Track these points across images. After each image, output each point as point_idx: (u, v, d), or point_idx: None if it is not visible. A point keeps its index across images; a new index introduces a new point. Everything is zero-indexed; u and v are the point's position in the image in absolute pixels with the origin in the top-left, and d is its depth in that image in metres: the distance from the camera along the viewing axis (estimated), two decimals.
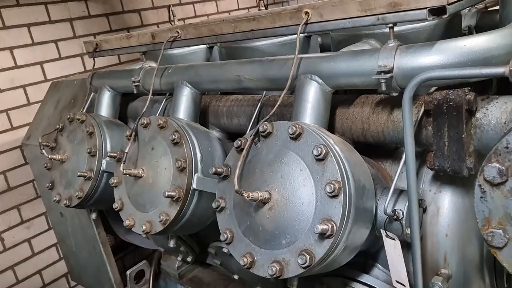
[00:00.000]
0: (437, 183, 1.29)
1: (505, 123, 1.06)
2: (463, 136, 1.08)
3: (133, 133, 1.58)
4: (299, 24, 1.24)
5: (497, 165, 0.75)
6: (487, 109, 1.09)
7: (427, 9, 1.03)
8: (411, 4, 1.04)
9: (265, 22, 1.33)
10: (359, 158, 1.19)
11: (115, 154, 1.63)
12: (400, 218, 1.18)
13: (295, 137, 1.13)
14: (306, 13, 1.22)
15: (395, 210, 1.18)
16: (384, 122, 1.26)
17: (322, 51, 2.02)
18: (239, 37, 1.42)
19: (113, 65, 3.40)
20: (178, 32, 1.59)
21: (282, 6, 5.29)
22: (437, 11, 1.04)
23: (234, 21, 1.41)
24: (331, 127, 1.35)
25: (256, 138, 1.22)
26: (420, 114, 1.17)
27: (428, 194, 1.30)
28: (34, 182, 3.11)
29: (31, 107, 3.09)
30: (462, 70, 0.91)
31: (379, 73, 1.09)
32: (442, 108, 1.09)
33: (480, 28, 1.62)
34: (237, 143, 1.25)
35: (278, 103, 1.23)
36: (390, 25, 1.11)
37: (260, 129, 1.20)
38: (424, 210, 1.28)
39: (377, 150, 1.45)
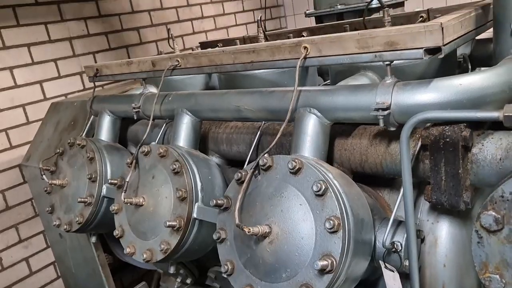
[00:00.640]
0: (435, 213, 1.31)
1: (500, 159, 1.08)
2: (460, 171, 1.10)
3: (134, 161, 1.60)
4: (298, 58, 1.27)
5: (493, 213, 0.77)
6: (482, 145, 1.11)
7: (423, 49, 1.05)
8: (408, 43, 1.07)
9: (265, 55, 1.35)
10: (358, 191, 1.21)
11: (115, 181, 1.64)
12: (398, 250, 1.20)
13: (295, 171, 1.15)
14: (305, 48, 1.25)
15: (394, 242, 1.20)
16: (382, 154, 1.28)
17: (319, 75, 2.05)
18: (239, 68, 1.45)
19: (114, 82, 3.42)
20: (178, 60, 1.61)
21: (280, 27, 5.35)
22: (432, 50, 1.06)
23: (234, 52, 1.43)
24: (329, 158, 1.37)
25: (256, 171, 1.24)
26: (417, 148, 1.19)
27: (426, 224, 1.32)
28: (33, 200, 3.11)
29: (30, 126, 3.10)
30: (458, 112, 0.93)
31: (377, 109, 1.11)
32: (438, 144, 1.11)
33: (474, 57, 1.65)
34: (237, 175, 1.26)
35: (278, 135, 1.24)
36: (387, 62, 1.13)
37: (260, 162, 1.21)
38: (422, 241, 1.30)
39: (375, 178, 1.47)
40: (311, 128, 1.26)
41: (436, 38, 1.02)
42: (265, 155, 1.23)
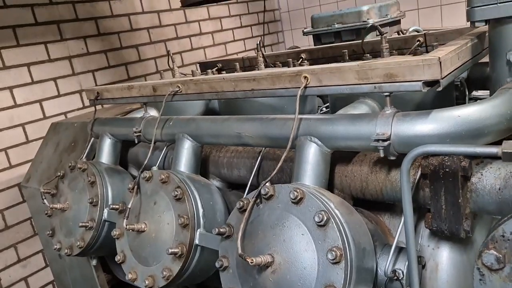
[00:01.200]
0: (435, 239, 1.32)
1: (499, 189, 1.09)
2: (459, 200, 1.12)
3: (135, 187, 1.60)
4: (298, 87, 1.29)
5: (495, 252, 0.78)
6: (481, 174, 1.13)
7: (422, 81, 1.07)
8: (406, 76, 1.09)
9: (265, 83, 1.37)
10: (359, 219, 1.22)
11: (117, 206, 1.65)
12: (400, 278, 1.20)
13: (297, 201, 1.16)
14: (305, 77, 1.26)
15: (395, 270, 1.21)
16: (382, 182, 1.30)
17: (319, 96, 2.07)
18: (239, 95, 1.46)
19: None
20: (179, 86, 1.63)
21: (278, 41, 5.39)
22: (431, 83, 1.08)
23: (234, 80, 1.45)
24: (330, 184, 1.39)
25: (258, 200, 1.25)
26: (417, 176, 1.20)
27: (427, 250, 1.32)
28: (32, 219, 3.11)
29: (29, 145, 3.11)
30: (457, 147, 0.95)
31: (377, 140, 1.12)
32: (438, 174, 1.13)
33: (471, 79, 1.68)
34: (239, 204, 1.27)
35: (279, 164, 1.26)
36: (387, 93, 1.15)
37: (262, 191, 1.23)
38: (423, 266, 1.30)
39: (376, 202, 1.48)
40: (312, 156, 1.28)
41: (434, 72, 1.05)
42: (267, 183, 1.24)
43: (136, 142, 1.86)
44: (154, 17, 3.98)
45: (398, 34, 3.36)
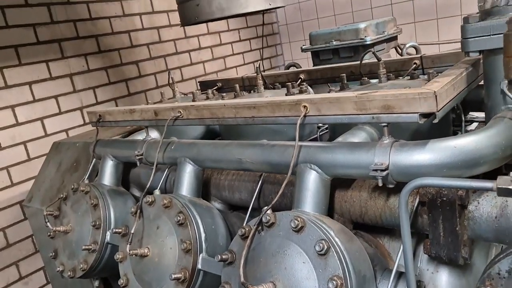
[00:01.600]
0: (434, 263, 1.34)
1: (496, 217, 1.12)
2: (457, 228, 1.14)
3: (138, 211, 1.63)
4: (298, 116, 1.31)
5: None
6: (478, 203, 1.16)
7: (419, 113, 1.10)
8: (403, 108, 1.12)
9: (265, 111, 1.40)
10: (359, 246, 1.24)
11: (120, 230, 1.67)
12: None
13: (297, 230, 1.18)
14: (305, 106, 1.29)
15: None
16: (382, 208, 1.32)
17: None
18: (240, 122, 1.49)
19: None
20: (180, 112, 1.65)
21: (276, 53, 5.43)
22: (428, 114, 1.11)
23: (235, 107, 1.48)
24: (330, 208, 1.41)
25: (260, 227, 1.27)
26: (416, 203, 1.23)
27: (426, 274, 1.35)
28: (33, 237, 3.12)
29: (31, 163, 3.14)
30: (453, 181, 0.97)
31: (376, 170, 1.15)
32: (436, 202, 1.16)
33: (467, 101, 1.70)
34: (241, 231, 1.29)
35: (280, 192, 1.28)
36: (384, 124, 1.18)
37: (263, 219, 1.25)
38: None
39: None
40: (312, 183, 1.30)
41: (431, 105, 1.07)
42: (268, 211, 1.26)
43: (138, 164, 1.88)
44: (154, 33, 4.02)
45: (396, 50, 3.41)
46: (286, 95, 1.75)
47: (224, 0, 2.35)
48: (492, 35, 1.20)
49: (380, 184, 1.17)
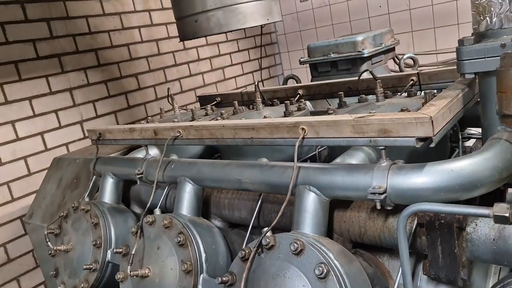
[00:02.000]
0: (434, 282, 1.34)
1: (493, 239, 1.13)
2: (456, 250, 1.15)
3: (139, 231, 1.63)
4: (296, 138, 1.33)
5: None
6: (476, 225, 1.17)
7: (415, 138, 1.11)
8: (400, 132, 1.13)
9: (264, 133, 1.41)
10: (358, 268, 1.25)
11: (120, 250, 1.67)
12: None
13: (297, 253, 1.19)
14: (303, 129, 1.31)
15: None
16: (380, 228, 1.33)
17: None
18: (239, 142, 1.50)
19: None
20: (180, 132, 1.67)
21: (275, 63, 5.45)
22: (424, 138, 1.12)
23: (234, 128, 1.49)
24: (329, 228, 1.42)
25: (260, 249, 1.28)
26: (414, 224, 1.24)
27: None
28: (33, 251, 3.12)
29: (31, 178, 3.15)
30: (451, 207, 0.99)
31: (374, 193, 1.16)
32: (434, 225, 1.17)
33: (464, 118, 1.71)
34: (241, 253, 1.30)
35: (279, 214, 1.29)
36: (382, 147, 1.19)
37: (263, 242, 1.26)
38: None
39: None
40: (311, 205, 1.31)
41: (427, 130, 1.09)
42: (268, 233, 1.27)
43: (138, 183, 1.89)
44: (153, 46, 4.05)
45: (394, 60, 3.43)
46: (284, 113, 1.77)
47: (223, 16, 2.37)
48: (487, 57, 1.21)
49: (379, 207, 1.18)
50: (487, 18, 1.21)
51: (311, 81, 3.13)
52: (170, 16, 3.48)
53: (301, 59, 3.10)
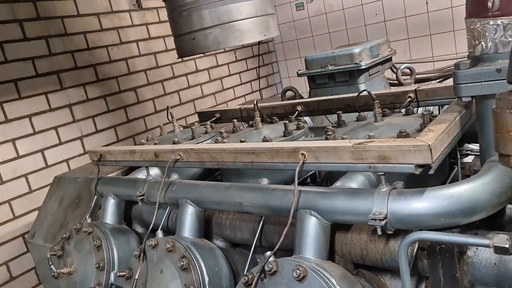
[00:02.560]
0: None
1: (494, 264, 1.14)
2: (457, 274, 1.16)
3: (142, 254, 1.64)
4: (296, 162, 1.34)
5: None
6: (477, 249, 1.18)
7: (414, 165, 1.13)
8: (399, 159, 1.14)
9: (264, 157, 1.42)
10: None
11: (123, 273, 1.68)
12: None
13: (300, 279, 1.20)
14: (303, 154, 1.32)
15: None
16: (382, 251, 1.34)
17: None
18: (239, 166, 1.52)
19: None
20: (180, 155, 1.68)
21: (273, 71, 5.47)
22: (423, 165, 1.14)
23: (234, 152, 1.50)
24: (331, 250, 1.42)
25: (262, 275, 1.29)
26: (415, 248, 1.25)
27: None
28: (36, 269, 3.12)
29: (33, 195, 3.15)
30: (451, 236, 1.00)
31: (374, 219, 1.17)
32: (435, 249, 1.18)
33: (463, 134, 1.73)
34: (244, 278, 1.31)
35: (281, 239, 1.30)
36: (381, 173, 1.20)
37: (266, 267, 1.27)
38: None
39: None
40: (312, 229, 1.32)
41: (425, 157, 1.10)
42: (270, 259, 1.28)
43: (140, 205, 1.90)
44: (151, 59, 4.06)
45: (391, 69, 3.45)
46: (284, 133, 1.78)
47: (220, 34, 2.39)
48: (483, 81, 1.23)
49: (380, 233, 1.20)
50: (482, 42, 1.23)
51: (309, 92, 3.15)
52: (167, 29, 3.50)
53: (299, 72, 3.11)
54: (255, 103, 1.96)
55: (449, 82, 2.18)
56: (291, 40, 5.44)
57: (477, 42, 1.25)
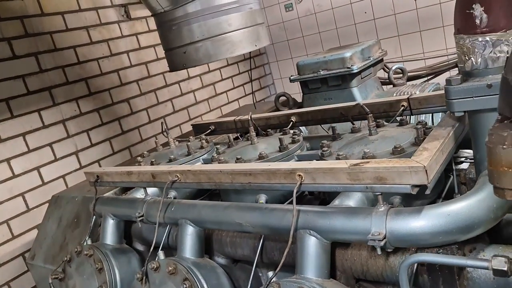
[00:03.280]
0: None
1: (493, 278, 1.16)
2: None
3: (144, 277, 1.65)
4: (293, 183, 1.35)
5: None
6: None
7: (411, 185, 1.14)
8: (396, 180, 1.15)
9: (261, 178, 1.43)
10: None
11: None
12: None
13: None
14: (300, 175, 1.33)
15: None
16: (382, 267, 1.35)
17: None
18: (237, 187, 1.52)
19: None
20: (178, 176, 1.68)
21: (265, 73, 5.47)
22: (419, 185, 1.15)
23: (232, 173, 1.51)
24: (332, 266, 1.44)
25: None
26: (415, 265, 1.26)
27: None
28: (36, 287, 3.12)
29: (30, 213, 3.15)
30: (450, 258, 1.01)
31: (373, 240, 1.18)
32: (434, 266, 1.19)
33: None
34: None
35: (282, 261, 1.31)
36: (378, 193, 1.21)
37: None
38: None
39: None
40: (312, 249, 1.33)
41: (421, 178, 1.11)
42: (273, 280, 1.29)
43: (140, 226, 1.90)
44: (142, 69, 4.05)
45: (384, 69, 3.46)
46: (279, 148, 1.78)
47: (211, 47, 2.39)
48: (474, 97, 1.24)
49: (379, 253, 1.21)
50: (472, 58, 1.24)
51: (302, 97, 3.16)
52: (157, 38, 3.46)
53: (291, 77, 3.12)
54: (249, 117, 1.96)
55: (441, 79, 2.20)
56: (282, 41, 5.43)
57: (467, 58, 1.26)
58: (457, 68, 1.93)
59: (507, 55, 1.21)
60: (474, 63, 1.24)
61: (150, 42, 4.12)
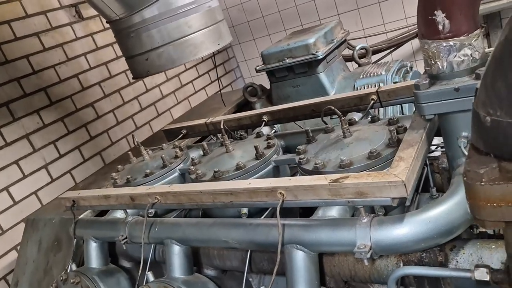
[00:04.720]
0: None
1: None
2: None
3: None
4: (275, 201, 1.36)
5: None
6: (457, 261, 1.25)
7: (391, 198, 1.17)
8: (376, 194, 1.18)
9: (243, 197, 1.43)
10: None
11: None
12: None
13: None
14: (281, 193, 1.33)
15: None
16: (369, 270, 1.40)
17: (286, 152, 2.13)
18: (219, 206, 1.52)
19: None
20: (157, 198, 1.66)
21: (236, 77, 5.38)
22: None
23: (212, 193, 1.50)
24: (321, 272, 1.47)
25: None
26: (401, 265, 1.31)
27: None
28: None
29: (6, 235, 3.07)
30: (435, 270, 1.06)
31: (360, 252, 1.21)
32: (420, 265, 1.24)
33: None
34: None
35: (272, 278, 1.33)
36: (360, 206, 1.24)
37: None
38: None
39: None
40: (301, 263, 1.36)
41: (400, 191, 1.14)
42: None
43: (125, 248, 1.88)
44: (103, 70, 3.91)
45: (349, 48, 3.47)
46: (256, 155, 1.77)
47: (174, 51, 2.32)
48: (443, 100, 1.26)
49: (367, 264, 1.25)
50: (438, 62, 1.25)
51: (270, 86, 3.14)
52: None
53: (257, 68, 3.08)
54: (222, 124, 1.94)
55: (402, 50, 2.21)
56: (242, 23, 5.34)
57: (433, 62, 1.27)
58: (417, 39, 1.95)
59: (471, 58, 1.23)
60: (440, 67, 1.26)
61: (108, 40, 3.97)
